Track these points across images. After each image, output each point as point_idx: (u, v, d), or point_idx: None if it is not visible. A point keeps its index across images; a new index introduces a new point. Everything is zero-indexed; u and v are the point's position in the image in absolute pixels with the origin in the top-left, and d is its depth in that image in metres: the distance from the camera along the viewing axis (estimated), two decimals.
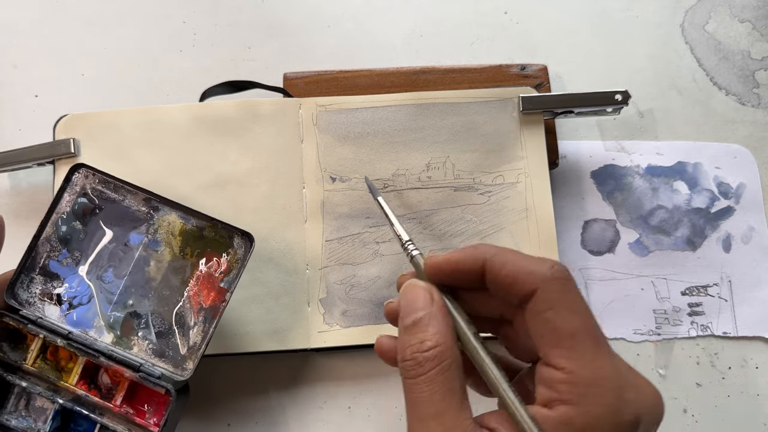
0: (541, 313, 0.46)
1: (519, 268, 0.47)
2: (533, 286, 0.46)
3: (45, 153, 0.67)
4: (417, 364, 0.46)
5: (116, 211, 0.61)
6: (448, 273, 0.51)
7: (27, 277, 0.60)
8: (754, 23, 0.79)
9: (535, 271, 0.47)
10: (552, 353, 0.45)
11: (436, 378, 0.46)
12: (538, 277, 0.46)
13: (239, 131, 0.68)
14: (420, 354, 0.46)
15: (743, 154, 0.75)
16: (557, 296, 0.46)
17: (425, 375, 0.46)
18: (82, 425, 0.61)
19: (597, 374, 0.44)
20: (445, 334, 0.47)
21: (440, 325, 0.48)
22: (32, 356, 0.59)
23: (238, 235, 0.61)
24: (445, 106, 0.70)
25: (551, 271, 0.46)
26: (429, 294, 0.50)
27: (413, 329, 0.48)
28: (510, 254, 0.48)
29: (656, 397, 0.48)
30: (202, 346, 0.58)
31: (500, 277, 0.48)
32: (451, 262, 0.50)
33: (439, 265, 0.51)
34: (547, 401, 0.45)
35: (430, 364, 0.46)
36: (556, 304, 0.46)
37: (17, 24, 0.78)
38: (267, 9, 0.79)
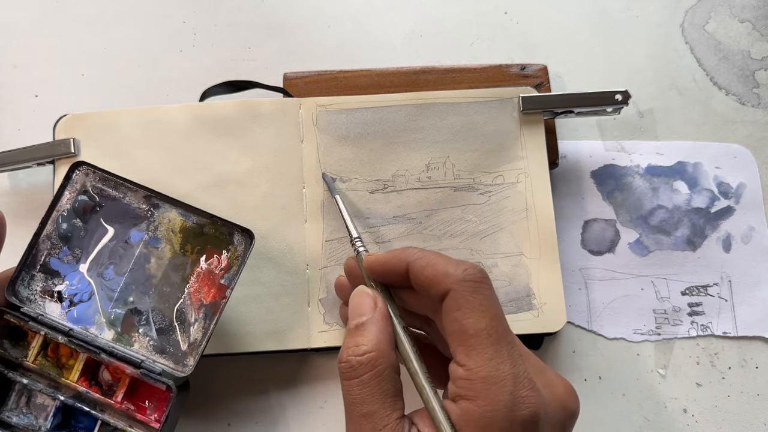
0: (451, 313, 0.49)
1: (437, 271, 0.51)
2: (447, 287, 0.50)
3: (45, 153, 0.67)
4: (350, 367, 0.50)
5: (116, 209, 0.61)
6: (380, 272, 0.56)
7: (28, 275, 0.60)
8: (754, 23, 0.79)
9: (450, 273, 0.50)
10: (457, 350, 0.49)
11: (369, 382, 0.49)
12: (452, 278, 0.50)
13: (239, 131, 0.68)
14: (354, 357, 0.50)
15: (743, 154, 0.75)
16: (466, 297, 0.49)
17: (359, 378, 0.49)
18: (83, 422, 0.61)
19: (492, 372, 0.47)
20: (381, 340, 0.51)
21: (378, 330, 0.51)
22: (33, 353, 0.59)
23: (238, 231, 0.60)
24: (445, 106, 0.70)
25: (464, 273, 0.50)
26: (373, 300, 0.54)
27: (353, 333, 0.52)
28: (431, 257, 0.52)
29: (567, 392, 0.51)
30: (203, 342, 0.58)
31: (421, 279, 0.52)
32: (380, 262, 0.56)
33: (372, 264, 0.56)
34: (453, 396, 0.48)
35: (363, 368, 0.49)
36: (464, 305, 0.49)
37: (17, 24, 0.78)
38: (267, 9, 0.79)
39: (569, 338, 0.71)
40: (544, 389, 0.49)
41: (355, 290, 0.56)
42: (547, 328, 0.67)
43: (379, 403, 0.48)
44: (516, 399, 0.46)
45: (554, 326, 0.67)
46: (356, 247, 0.59)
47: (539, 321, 0.67)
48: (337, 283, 0.65)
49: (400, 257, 0.53)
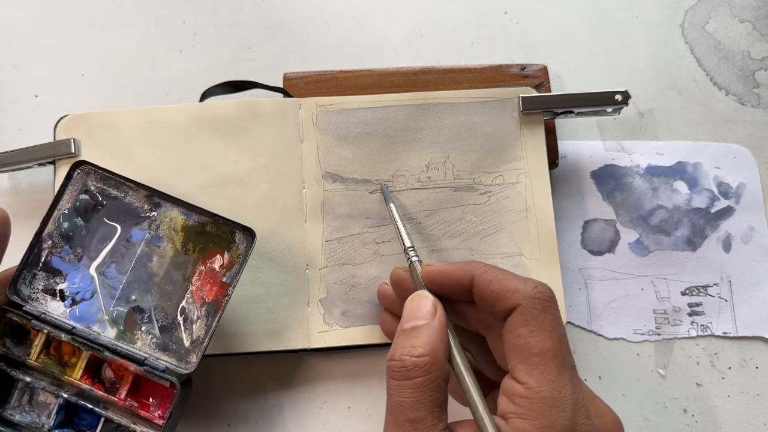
0: (517, 328, 0.49)
1: (504, 286, 0.50)
2: (515, 302, 0.49)
3: (45, 153, 0.67)
4: (404, 367, 0.48)
5: (118, 208, 0.61)
6: (439, 283, 0.55)
7: (29, 274, 0.60)
8: (754, 23, 0.79)
9: (519, 289, 0.49)
10: (518, 367, 0.48)
11: (422, 386, 0.48)
12: (521, 294, 0.49)
13: (239, 131, 0.68)
14: (408, 357, 0.49)
15: (743, 154, 0.75)
16: (535, 315, 0.48)
17: (412, 381, 0.48)
18: (87, 419, 0.61)
19: (555, 394, 0.46)
20: (438, 348, 0.50)
21: (435, 337, 0.50)
22: (36, 351, 0.59)
23: (240, 230, 0.61)
24: (445, 106, 0.70)
25: (534, 290, 0.49)
26: (434, 307, 0.53)
27: (409, 333, 0.51)
28: (498, 272, 0.52)
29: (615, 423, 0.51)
30: (206, 339, 0.58)
31: (487, 293, 0.51)
32: (444, 273, 0.54)
33: (432, 274, 0.55)
34: (504, 413, 0.47)
35: (417, 371, 0.48)
36: (532, 322, 0.48)
37: (17, 24, 0.78)
38: (267, 9, 0.79)
39: (569, 338, 0.71)
40: (596, 418, 0.48)
41: (414, 293, 0.55)
42: None
43: (428, 411, 0.47)
44: (574, 425, 0.46)
45: None
46: (410, 256, 0.59)
47: None
48: (381, 290, 0.64)
49: (464, 270, 0.53)
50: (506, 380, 0.49)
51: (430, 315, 0.52)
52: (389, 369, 0.50)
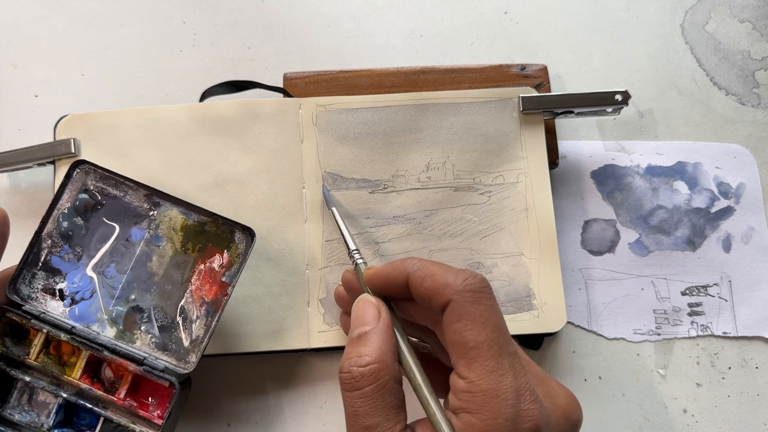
0: (452, 324, 0.49)
1: (436, 281, 0.50)
2: (447, 297, 0.49)
3: (45, 153, 0.67)
4: (353, 378, 0.48)
5: (117, 207, 0.61)
6: (380, 285, 0.55)
7: (29, 273, 0.60)
8: (754, 23, 0.79)
9: (449, 283, 0.49)
10: (459, 363, 0.48)
11: (372, 394, 0.48)
12: (452, 289, 0.49)
13: (239, 131, 0.68)
14: (356, 368, 0.49)
15: (743, 154, 0.75)
16: (467, 308, 0.48)
17: (361, 391, 0.48)
18: (86, 419, 0.61)
19: (494, 385, 0.46)
20: (385, 351, 0.50)
21: (381, 342, 0.50)
22: (35, 351, 0.59)
23: (239, 230, 0.61)
24: (445, 106, 0.70)
25: (464, 283, 0.49)
26: (377, 310, 0.53)
27: (356, 342, 0.51)
28: (431, 267, 0.51)
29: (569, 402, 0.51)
30: (205, 339, 0.58)
31: (421, 290, 0.51)
32: (381, 275, 0.55)
33: (372, 277, 0.56)
34: (454, 408, 0.48)
35: (366, 380, 0.48)
36: (465, 316, 0.48)
37: (17, 24, 0.78)
38: (267, 9, 0.79)
39: (569, 338, 0.71)
40: (546, 400, 0.48)
41: (358, 298, 0.55)
42: (547, 328, 0.67)
43: (382, 416, 0.47)
44: (518, 412, 0.45)
45: (554, 326, 0.66)
46: (354, 259, 0.59)
47: (539, 321, 0.67)
48: (336, 293, 0.64)
49: (399, 269, 0.53)
50: (452, 376, 0.49)
51: (375, 319, 0.52)
52: (340, 381, 0.50)
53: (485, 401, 0.46)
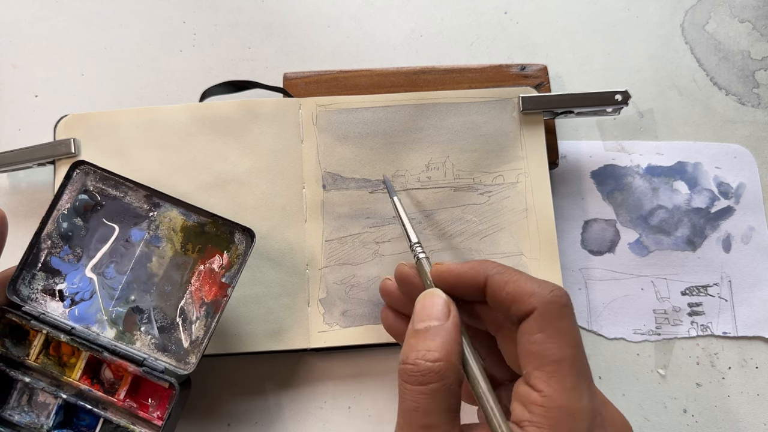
0: (532, 334, 0.47)
1: (520, 288, 0.48)
2: (531, 306, 0.47)
3: (45, 153, 0.67)
4: (419, 371, 0.46)
5: (117, 208, 0.61)
6: (451, 283, 0.53)
7: (29, 274, 0.60)
8: (754, 23, 0.79)
9: (535, 292, 0.48)
10: (534, 374, 0.47)
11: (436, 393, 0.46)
12: (538, 298, 0.47)
13: (239, 131, 0.68)
14: (423, 362, 0.47)
15: (743, 154, 0.75)
16: (551, 320, 0.47)
17: (427, 386, 0.46)
18: (86, 420, 0.61)
19: (573, 404, 0.45)
20: (452, 352, 0.48)
21: (450, 341, 0.48)
22: (35, 352, 0.59)
23: (239, 230, 0.61)
24: (445, 106, 0.70)
25: (550, 294, 0.48)
26: (447, 307, 0.50)
27: (423, 335, 0.49)
28: (513, 273, 0.50)
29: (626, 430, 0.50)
30: (205, 340, 0.58)
31: (502, 295, 0.49)
32: (456, 273, 0.52)
33: (444, 273, 0.53)
34: (519, 420, 0.46)
35: (433, 377, 0.46)
36: (549, 328, 0.47)
37: (17, 24, 0.78)
38: (267, 9, 0.79)
39: None
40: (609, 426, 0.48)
41: (426, 291, 0.53)
42: None
43: (442, 417, 0.46)
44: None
45: None
46: (416, 253, 0.57)
47: None
48: (384, 286, 0.61)
49: (478, 270, 0.51)
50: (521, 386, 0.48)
51: (444, 316, 0.50)
52: (403, 372, 0.48)
53: (561, 418, 0.45)
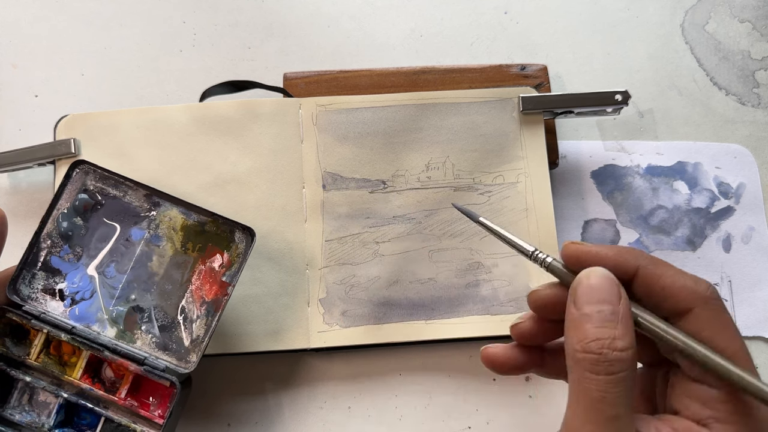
0: (699, 333, 0.45)
1: (676, 284, 0.47)
2: (690, 304, 0.46)
3: (45, 153, 0.67)
4: (606, 360, 0.44)
5: (117, 207, 0.61)
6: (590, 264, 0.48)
7: (29, 273, 0.60)
8: (754, 23, 0.79)
9: (694, 290, 0.46)
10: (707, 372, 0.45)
11: (625, 382, 0.44)
12: (697, 296, 0.46)
13: (239, 131, 0.68)
14: (611, 352, 0.44)
15: (743, 154, 0.75)
16: (716, 317, 0.46)
17: (615, 375, 0.44)
18: (87, 419, 0.61)
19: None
20: (634, 339, 0.45)
21: (631, 327, 0.46)
22: (35, 351, 0.59)
23: (239, 229, 0.61)
24: (445, 106, 0.70)
25: (709, 291, 0.46)
26: (617, 288, 0.46)
27: (598, 321, 0.45)
28: (665, 267, 0.48)
29: None
30: (206, 338, 0.59)
31: (655, 289, 0.47)
32: (598, 256, 0.48)
33: (584, 255, 0.49)
34: (699, 418, 0.45)
35: (621, 365, 0.44)
36: (715, 325, 0.46)
37: (17, 24, 0.78)
38: (267, 9, 0.79)
39: None
40: None
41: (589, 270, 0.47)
42: None
43: (627, 407, 0.44)
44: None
45: None
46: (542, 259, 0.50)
47: None
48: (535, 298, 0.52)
49: (627, 258, 0.48)
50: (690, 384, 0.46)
51: (617, 298, 0.46)
52: (584, 361, 0.44)
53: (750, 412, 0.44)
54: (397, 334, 0.67)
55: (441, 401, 0.69)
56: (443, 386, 0.69)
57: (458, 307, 0.67)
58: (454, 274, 0.68)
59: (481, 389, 0.69)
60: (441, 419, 0.68)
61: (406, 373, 0.69)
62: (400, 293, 0.67)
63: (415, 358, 0.70)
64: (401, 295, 0.67)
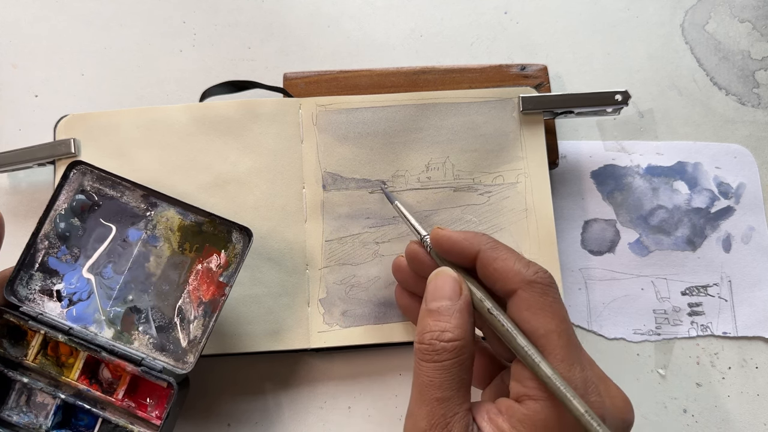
0: (519, 312, 0.49)
1: (506, 266, 0.50)
2: (515, 285, 0.50)
3: (45, 153, 0.67)
4: (434, 350, 0.49)
5: (114, 208, 0.61)
6: (445, 248, 0.55)
7: (26, 274, 0.60)
8: (754, 23, 0.79)
9: (520, 272, 0.50)
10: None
11: (451, 368, 0.48)
12: (522, 278, 0.50)
13: (239, 131, 0.68)
14: (438, 342, 0.49)
15: (743, 154, 0.75)
16: (536, 299, 0.49)
17: (441, 363, 0.49)
18: (84, 420, 0.61)
19: (564, 375, 0.47)
20: (467, 330, 0.50)
21: (464, 320, 0.50)
22: (33, 352, 0.59)
23: (236, 230, 0.61)
24: (445, 106, 0.70)
25: (535, 275, 0.50)
26: (458, 285, 0.52)
27: (436, 315, 0.51)
28: (503, 251, 0.52)
29: (625, 404, 0.51)
30: (203, 339, 0.59)
31: (489, 270, 0.51)
32: (451, 239, 0.54)
33: (442, 239, 0.55)
34: (518, 396, 0.48)
35: (447, 354, 0.49)
36: (533, 306, 0.49)
37: (17, 24, 0.78)
38: (267, 9, 0.79)
39: None
40: (607, 399, 0.49)
41: (437, 270, 0.54)
42: None
43: (455, 390, 0.48)
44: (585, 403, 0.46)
45: None
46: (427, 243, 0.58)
47: None
48: (396, 263, 0.63)
49: (471, 241, 0.53)
50: (515, 364, 0.50)
51: (456, 295, 0.51)
52: (418, 351, 0.50)
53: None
54: (397, 334, 0.67)
55: None
56: None
57: None
58: None
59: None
60: None
61: (406, 373, 0.70)
62: None
63: None
64: None
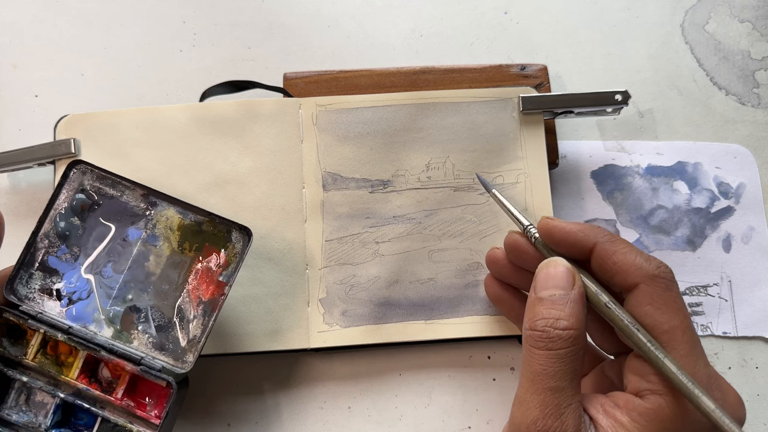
0: (641, 307, 0.49)
1: (627, 260, 0.50)
2: (637, 280, 0.49)
3: (45, 153, 0.67)
4: (548, 338, 0.49)
5: (114, 207, 0.61)
6: (557, 239, 0.55)
7: (26, 273, 0.60)
8: (754, 23, 0.79)
9: (642, 266, 0.50)
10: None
11: (565, 358, 0.48)
12: (644, 272, 0.49)
13: (239, 131, 0.68)
14: (553, 330, 0.49)
15: (743, 154, 0.75)
16: (660, 293, 0.49)
17: (555, 351, 0.48)
18: (83, 419, 0.61)
19: (689, 370, 0.46)
20: (581, 321, 0.50)
21: (578, 310, 0.50)
22: (32, 351, 0.59)
23: (236, 229, 0.61)
24: (445, 106, 0.70)
25: (658, 270, 0.49)
26: (572, 276, 0.52)
27: (548, 304, 0.51)
28: (621, 244, 0.51)
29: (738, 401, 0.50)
30: (202, 338, 0.58)
31: (608, 264, 0.51)
32: (563, 230, 0.54)
33: (553, 229, 0.55)
34: (638, 390, 0.48)
35: (562, 342, 0.48)
36: (657, 301, 0.48)
37: (17, 24, 0.78)
38: (267, 9, 0.79)
39: None
40: (726, 393, 0.49)
41: (549, 260, 0.54)
42: None
43: (569, 381, 0.48)
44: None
45: None
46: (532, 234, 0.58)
47: None
48: (491, 255, 0.64)
49: (587, 233, 0.53)
50: (633, 359, 0.50)
51: (569, 284, 0.51)
52: (530, 337, 0.50)
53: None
54: (397, 334, 0.67)
55: (441, 401, 0.69)
56: (443, 386, 0.69)
57: (458, 307, 0.67)
58: (454, 275, 0.68)
59: (481, 389, 0.69)
60: (441, 419, 0.68)
61: (406, 373, 0.69)
62: (400, 293, 0.67)
63: (415, 358, 0.70)
64: (401, 295, 0.67)
